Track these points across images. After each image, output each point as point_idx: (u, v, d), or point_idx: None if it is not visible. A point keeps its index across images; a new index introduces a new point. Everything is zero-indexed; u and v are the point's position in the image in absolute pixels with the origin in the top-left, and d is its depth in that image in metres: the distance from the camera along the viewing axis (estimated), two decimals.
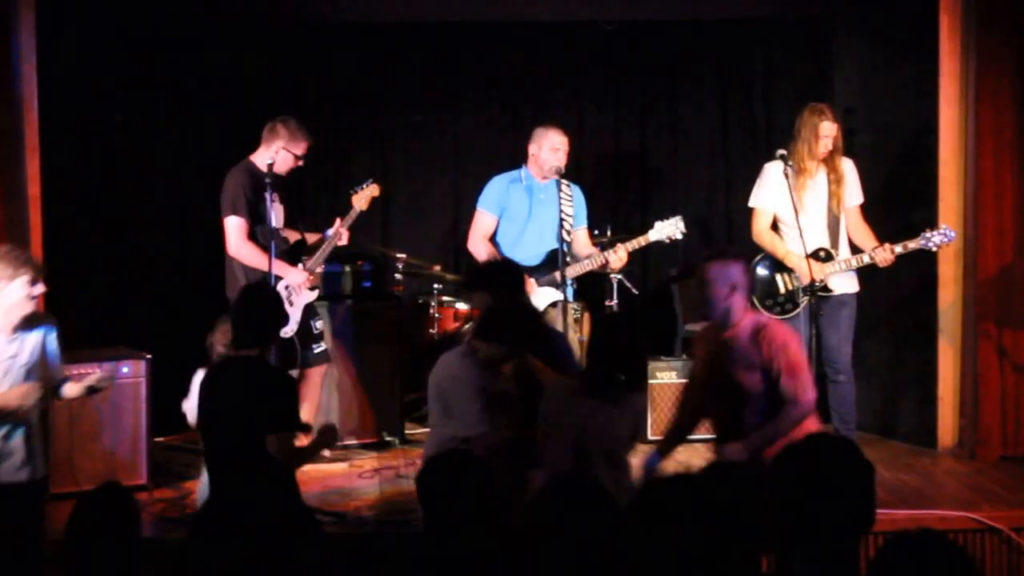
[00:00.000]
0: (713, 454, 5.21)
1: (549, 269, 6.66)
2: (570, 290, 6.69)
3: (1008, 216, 6.77)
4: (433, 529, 3.51)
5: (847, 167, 6.63)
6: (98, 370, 5.49)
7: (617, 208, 8.48)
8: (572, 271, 6.69)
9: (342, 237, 6.68)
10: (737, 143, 8.62)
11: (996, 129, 6.74)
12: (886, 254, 6.40)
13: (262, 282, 6.16)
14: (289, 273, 6.47)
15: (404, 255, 7.43)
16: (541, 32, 8.27)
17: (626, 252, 6.71)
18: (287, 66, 8.10)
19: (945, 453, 6.91)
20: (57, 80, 6.73)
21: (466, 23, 8.00)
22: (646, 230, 6.84)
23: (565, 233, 6.67)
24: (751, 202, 6.68)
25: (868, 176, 6.88)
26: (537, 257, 6.78)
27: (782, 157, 6.39)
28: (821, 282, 6.35)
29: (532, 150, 6.84)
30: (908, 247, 6.40)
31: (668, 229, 6.74)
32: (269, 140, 6.54)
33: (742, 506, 2.98)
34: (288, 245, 6.66)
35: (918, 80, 7.04)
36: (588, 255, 6.83)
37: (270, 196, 6.28)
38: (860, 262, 6.49)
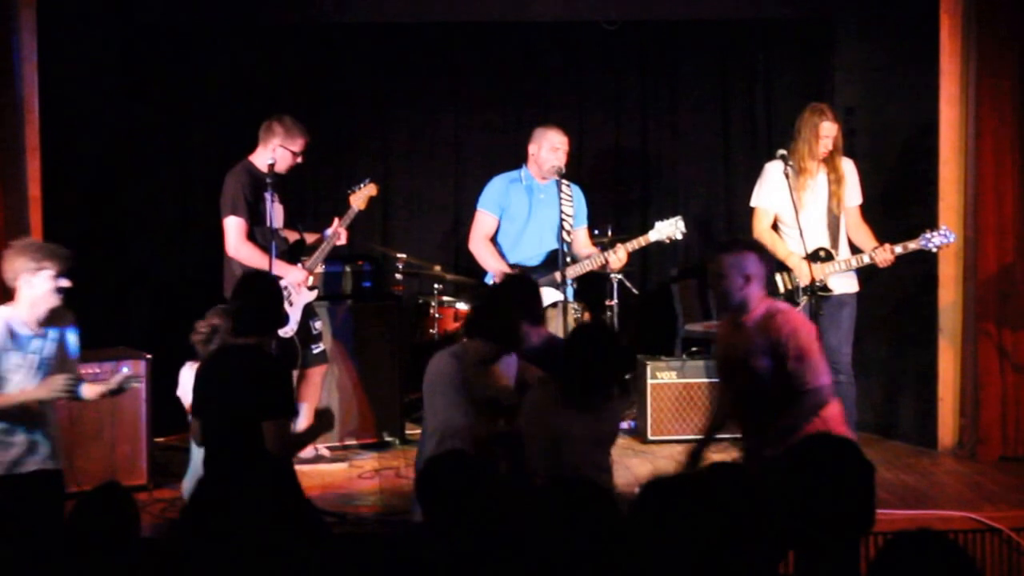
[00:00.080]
0: (739, 452, 5.17)
1: (549, 269, 6.66)
2: (570, 290, 6.69)
3: (1008, 216, 6.76)
4: (432, 529, 3.51)
5: (847, 167, 6.63)
6: (124, 369, 5.50)
7: (617, 208, 8.49)
8: (572, 271, 6.69)
9: (340, 237, 6.68)
10: (737, 143, 8.62)
11: (996, 129, 6.73)
12: (886, 254, 6.40)
13: (264, 272, 6.14)
14: (289, 273, 6.48)
15: (404, 255, 7.43)
16: (541, 32, 8.27)
17: (626, 252, 6.71)
18: (287, 66, 8.11)
19: (945, 453, 6.91)
20: (57, 80, 6.73)
21: (466, 23, 7.99)
22: (646, 230, 6.84)
23: (565, 233, 6.67)
24: (752, 202, 6.68)
25: (868, 176, 6.88)
26: (537, 257, 6.78)
27: (782, 157, 6.39)
28: (821, 282, 6.35)
29: (532, 150, 6.84)
30: (908, 247, 6.40)
31: (668, 229, 6.74)
32: (266, 139, 6.54)
33: (742, 506, 2.98)
34: (287, 245, 6.66)
35: (918, 80, 7.03)
36: (588, 255, 6.82)
37: (270, 196, 6.29)
38: (860, 262, 6.49)
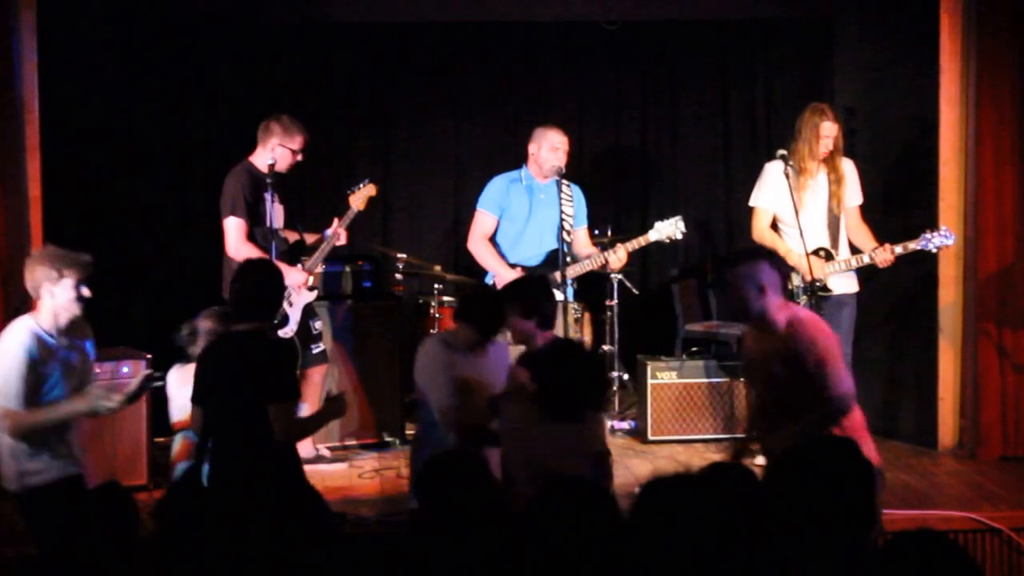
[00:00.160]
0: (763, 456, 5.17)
1: (549, 269, 6.66)
2: (570, 290, 6.69)
3: (1008, 216, 6.76)
4: (432, 529, 3.51)
5: (847, 168, 6.64)
6: (137, 373, 5.50)
7: (617, 208, 8.48)
8: (572, 271, 6.69)
9: (340, 237, 6.68)
10: (737, 143, 8.62)
11: (996, 129, 6.73)
12: (886, 254, 6.41)
13: (263, 259, 6.13)
14: (288, 274, 6.46)
15: (404, 255, 7.42)
16: (541, 32, 8.27)
17: (626, 252, 6.71)
18: (287, 66, 8.10)
19: (945, 453, 6.90)
20: (57, 80, 6.73)
21: (466, 23, 7.99)
22: (646, 230, 6.84)
23: (565, 233, 6.67)
24: (751, 201, 6.68)
25: (868, 176, 6.88)
26: (537, 257, 6.78)
27: (782, 157, 6.40)
28: (821, 282, 6.35)
29: (532, 150, 6.84)
30: (908, 248, 6.40)
31: (668, 229, 6.74)
32: (264, 139, 6.54)
33: (741, 506, 2.98)
34: (287, 245, 6.66)
35: (918, 80, 7.03)
36: (588, 255, 6.83)
37: (270, 197, 6.29)
38: (860, 262, 6.49)
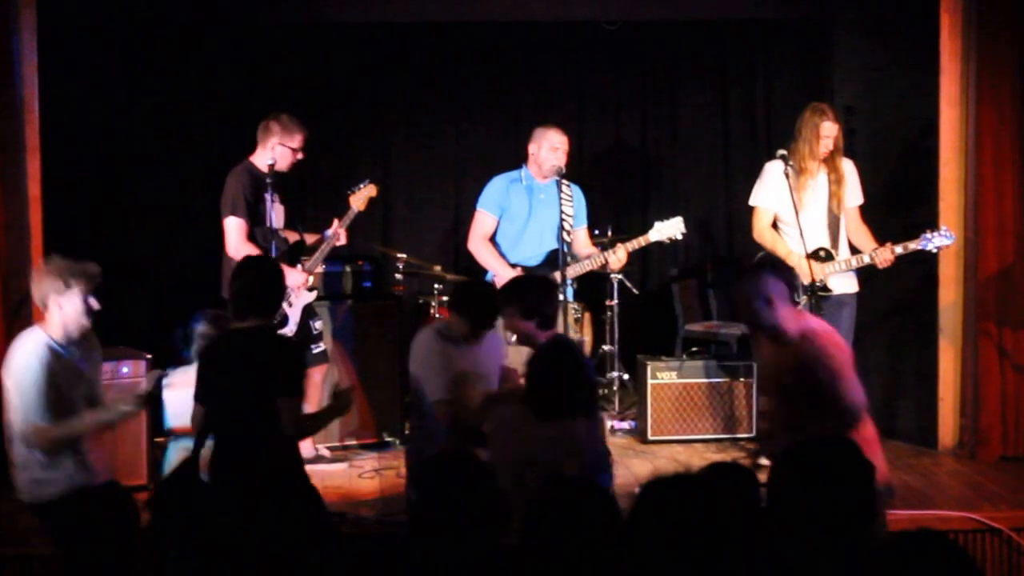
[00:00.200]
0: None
1: (549, 269, 6.65)
2: (570, 290, 6.69)
3: (1008, 216, 6.75)
4: (432, 529, 3.50)
5: (847, 168, 6.64)
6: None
7: (617, 208, 8.49)
8: (572, 271, 6.69)
9: (340, 237, 6.68)
10: (737, 143, 8.62)
11: (996, 129, 6.72)
12: (886, 254, 6.40)
13: (261, 255, 6.13)
14: (288, 274, 6.45)
15: (404, 255, 7.42)
16: (541, 32, 8.27)
17: (626, 252, 6.71)
18: (287, 66, 8.11)
19: (945, 453, 6.90)
20: (57, 80, 6.73)
21: (466, 23, 7.99)
22: (646, 230, 6.84)
23: (565, 233, 6.67)
24: (752, 201, 6.68)
25: (868, 176, 6.88)
26: (537, 257, 6.78)
27: (782, 157, 6.40)
28: (821, 282, 6.35)
29: (532, 150, 6.84)
30: (908, 248, 6.40)
31: (668, 229, 6.74)
32: (264, 139, 6.55)
33: (741, 506, 2.98)
34: (287, 246, 6.66)
35: (918, 80, 7.03)
36: (588, 255, 6.82)
37: (270, 197, 6.29)
38: (860, 262, 6.49)
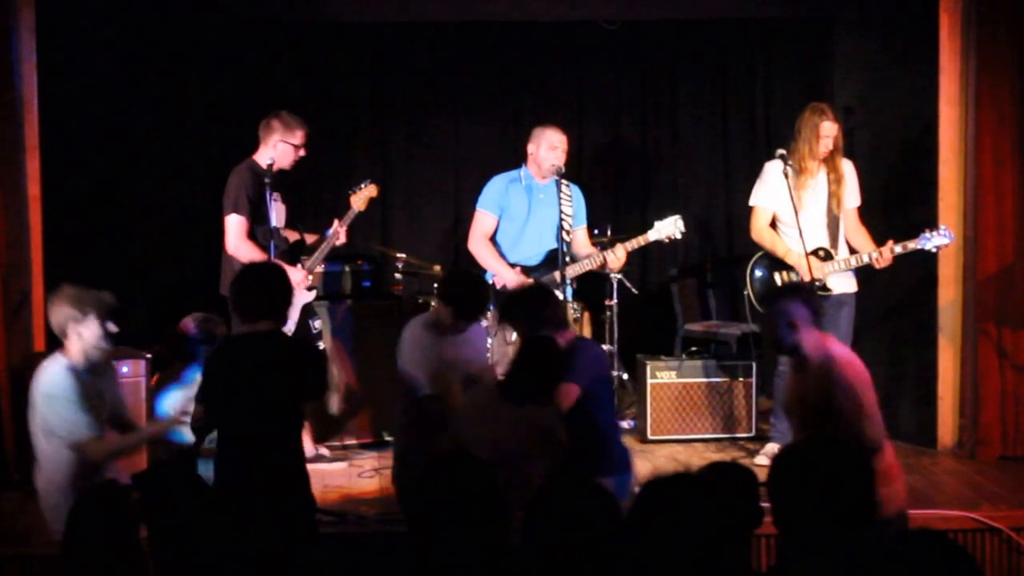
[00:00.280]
0: None
1: (548, 269, 6.66)
2: (569, 290, 6.69)
3: (1008, 216, 6.75)
4: (432, 529, 3.50)
5: (847, 168, 6.64)
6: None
7: (617, 208, 8.48)
8: (572, 271, 6.69)
9: (340, 237, 6.68)
10: (737, 143, 8.62)
11: (996, 128, 6.72)
12: (885, 254, 6.41)
13: (265, 261, 6.13)
14: (288, 273, 6.45)
15: (404, 255, 7.42)
16: (541, 32, 8.26)
17: (625, 252, 6.71)
18: (287, 66, 8.10)
19: (945, 453, 6.90)
20: (57, 79, 6.73)
21: (466, 23, 7.99)
22: (645, 230, 6.84)
23: (564, 233, 6.67)
24: (751, 200, 6.68)
25: (868, 176, 6.87)
26: (537, 257, 6.78)
27: (782, 156, 6.41)
28: (820, 281, 6.35)
29: (531, 149, 6.84)
30: (907, 247, 6.41)
31: (667, 229, 6.74)
32: (266, 136, 6.55)
33: (740, 505, 2.97)
34: (288, 245, 6.66)
35: (918, 79, 7.02)
36: (587, 255, 6.82)
37: (270, 195, 6.29)
38: (859, 262, 6.49)
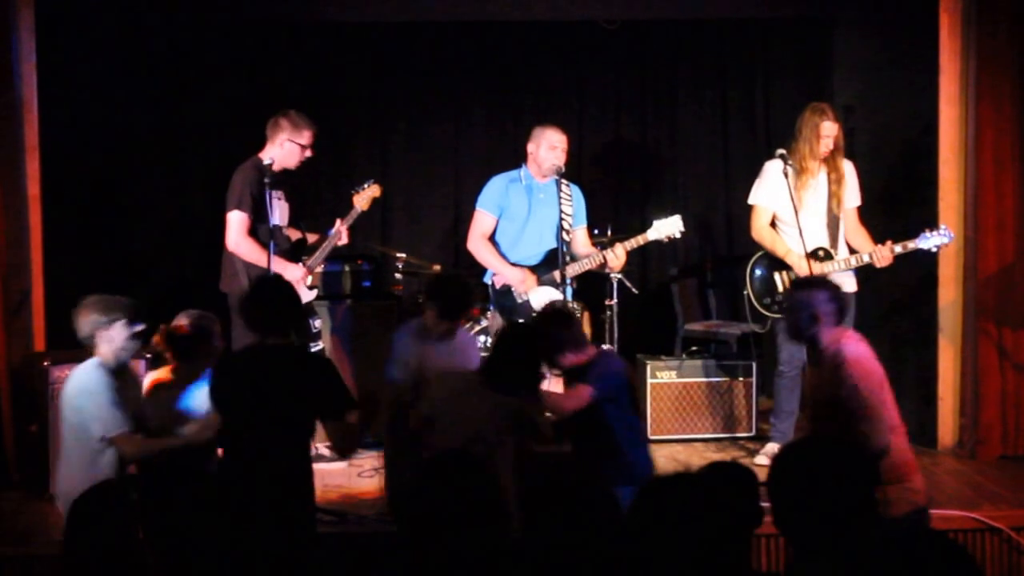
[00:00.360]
0: None
1: (548, 268, 6.66)
2: (569, 290, 6.68)
3: (1008, 216, 6.76)
4: (432, 529, 3.50)
5: (847, 168, 6.63)
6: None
7: (617, 208, 8.48)
8: (571, 270, 6.69)
9: (342, 236, 6.68)
10: (737, 142, 8.62)
11: (996, 128, 6.72)
12: (885, 253, 6.40)
13: (274, 275, 6.12)
14: (287, 269, 6.45)
15: (403, 254, 7.42)
16: (541, 32, 8.26)
17: (624, 251, 6.70)
18: (287, 66, 8.10)
19: (945, 453, 6.90)
20: (57, 80, 6.73)
21: (466, 23, 7.99)
22: (646, 230, 6.84)
23: (564, 232, 6.67)
24: (751, 200, 6.68)
25: (868, 176, 6.88)
26: (536, 256, 6.78)
27: (782, 156, 6.41)
28: None
29: (530, 149, 6.83)
30: (907, 247, 6.40)
31: (667, 228, 6.73)
32: (273, 135, 6.56)
33: (740, 505, 2.97)
34: (290, 244, 6.65)
35: (917, 79, 7.03)
36: (587, 254, 6.82)
37: (269, 194, 6.28)
38: (859, 261, 6.49)
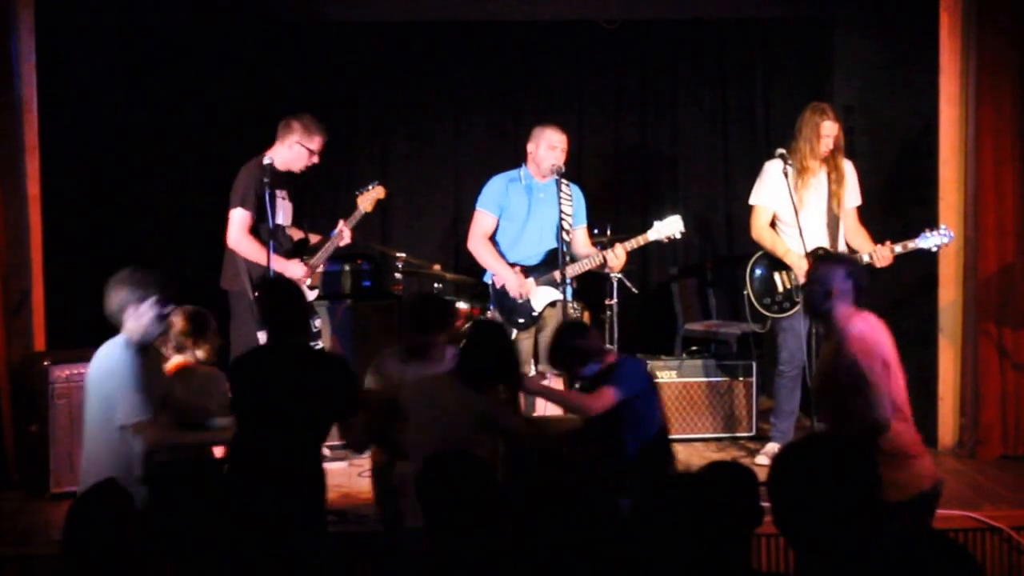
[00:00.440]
0: None
1: (548, 268, 6.66)
2: (569, 289, 6.68)
3: (1009, 216, 6.76)
4: (432, 529, 3.50)
5: (847, 168, 6.63)
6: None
7: (617, 208, 8.48)
8: (571, 270, 6.68)
9: (345, 237, 6.68)
10: (737, 143, 8.62)
11: (996, 128, 6.73)
12: (885, 253, 6.40)
13: (281, 277, 6.12)
14: (287, 267, 6.45)
15: (403, 254, 7.42)
16: (541, 32, 8.26)
17: (624, 251, 6.69)
18: (287, 66, 8.10)
19: (945, 453, 6.90)
20: (57, 79, 6.73)
21: (466, 23, 7.98)
22: (645, 229, 6.83)
23: (564, 232, 6.67)
24: (751, 199, 6.68)
25: (868, 176, 6.88)
26: (536, 256, 6.78)
27: (782, 156, 6.41)
28: None
29: (530, 148, 6.83)
30: (907, 247, 6.40)
31: (667, 228, 6.72)
32: (283, 136, 6.55)
33: (740, 505, 2.97)
34: (291, 243, 6.65)
35: (918, 79, 7.03)
36: (587, 254, 6.82)
37: (269, 193, 6.28)
38: (859, 261, 6.49)
